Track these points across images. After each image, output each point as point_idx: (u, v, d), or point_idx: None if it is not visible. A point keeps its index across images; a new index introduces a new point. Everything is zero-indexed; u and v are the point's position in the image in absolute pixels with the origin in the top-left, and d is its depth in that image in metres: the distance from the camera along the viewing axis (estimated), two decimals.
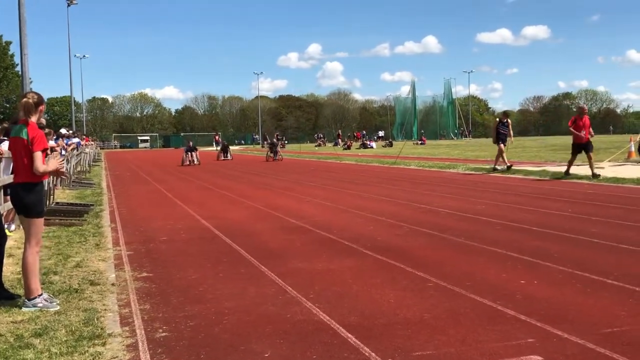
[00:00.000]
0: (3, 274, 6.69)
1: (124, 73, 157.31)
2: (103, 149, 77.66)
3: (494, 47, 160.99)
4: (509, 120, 20.88)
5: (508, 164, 20.24)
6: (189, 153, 33.26)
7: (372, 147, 57.43)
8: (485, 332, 4.57)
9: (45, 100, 6.33)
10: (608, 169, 19.11)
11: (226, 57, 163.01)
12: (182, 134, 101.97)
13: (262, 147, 75.00)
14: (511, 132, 20.75)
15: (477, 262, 6.97)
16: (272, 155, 36.05)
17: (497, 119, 21.31)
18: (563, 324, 4.70)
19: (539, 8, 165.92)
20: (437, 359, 4.08)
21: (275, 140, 39.98)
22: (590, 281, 5.98)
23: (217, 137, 76.19)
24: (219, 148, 40.46)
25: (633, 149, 24.24)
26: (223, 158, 39.34)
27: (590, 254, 7.23)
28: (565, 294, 5.58)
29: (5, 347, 4.45)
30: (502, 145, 20.19)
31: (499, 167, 20.63)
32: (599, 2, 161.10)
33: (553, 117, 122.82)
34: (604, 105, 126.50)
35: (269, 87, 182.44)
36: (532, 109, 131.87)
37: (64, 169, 6.25)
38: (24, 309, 5.43)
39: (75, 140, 26.92)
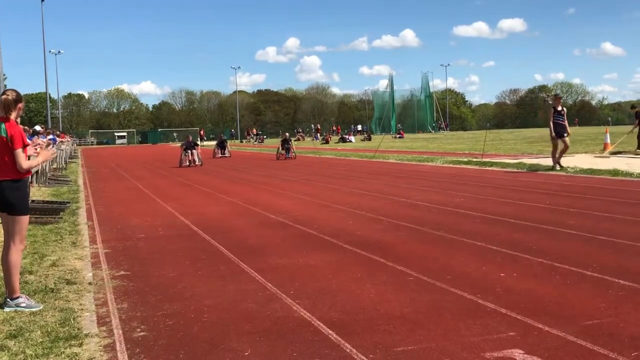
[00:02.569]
0: None
1: (100, 69, 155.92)
2: (80, 145, 76.84)
3: (471, 41, 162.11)
4: (565, 109, 17.68)
5: (556, 164, 17.34)
6: (189, 151, 27.53)
7: (351, 141, 57.44)
8: (466, 326, 4.56)
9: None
10: (583, 160, 19.29)
11: (204, 51, 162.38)
12: (159, 130, 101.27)
13: (241, 142, 74.75)
14: (567, 122, 17.50)
15: (456, 256, 6.97)
16: (283, 152, 31.00)
17: (552, 108, 17.75)
18: (543, 316, 4.70)
19: (515, 1, 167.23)
20: (418, 354, 4.06)
21: (286, 135, 34.08)
22: (570, 273, 6.00)
23: (201, 132, 75.13)
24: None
25: (608, 140, 24.51)
26: (220, 155, 35.11)
27: (568, 246, 7.26)
28: (545, 286, 5.59)
29: None
30: (557, 139, 17.21)
31: (562, 165, 17.30)
32: None
33: (529, 109, 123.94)
34: (579, 98, 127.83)
35: (247, 81, 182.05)
36: (508, 101, 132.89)
37: (54, 154, 6.21)
38: (5, 309, 5.32)
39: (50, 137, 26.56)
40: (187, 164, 26.89)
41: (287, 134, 34.88)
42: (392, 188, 14.68)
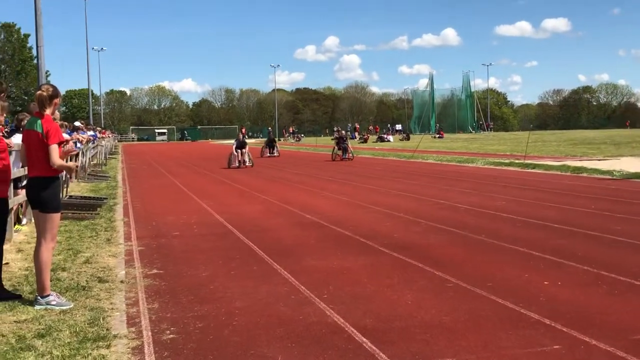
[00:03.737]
0: (10, 269, 6.57)
1: (141, 66, 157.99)
2: (120, 141, 77.89)
3: (514, 40, 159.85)
4: None
5: None
6: (239, 151, 24.49)
7: (389, 141, 57.05)
8: (507, 338, 4.33)
9: (62, 93, 6.19)
10: (630, 164, 18.70)
11: (244, 50, 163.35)
12: (199, 127, 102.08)
13: (279, 140, 74.81)
14: None
15: (498, 262, 6.72)
16: (339, 153, 27.98)
17: None
18: (590, 329, 4.45)
19: (559, 1, 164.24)
20: None
21: (342, 132, 31.05)
22: (617, 282, 5.72)
23: (243, 130, 75.36)
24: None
25: None
26: (269, 154, 32.94)
27: (615, 253, 6.95)
28: (591, 296, 5.32)
29: (5, 348, 4.28)
30: None
31: None
32: None
33: (573, 110, 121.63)
34: (625, 99, 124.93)
35: (286, 80, 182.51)
36: (551, 102, 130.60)
37: (77, 166, 6.18)
38: (36, 307, 5.25)
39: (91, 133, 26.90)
40: (237, 164, 24.14)
41: (342, 131, 32.39)
42: (431, 189, 14.40)
